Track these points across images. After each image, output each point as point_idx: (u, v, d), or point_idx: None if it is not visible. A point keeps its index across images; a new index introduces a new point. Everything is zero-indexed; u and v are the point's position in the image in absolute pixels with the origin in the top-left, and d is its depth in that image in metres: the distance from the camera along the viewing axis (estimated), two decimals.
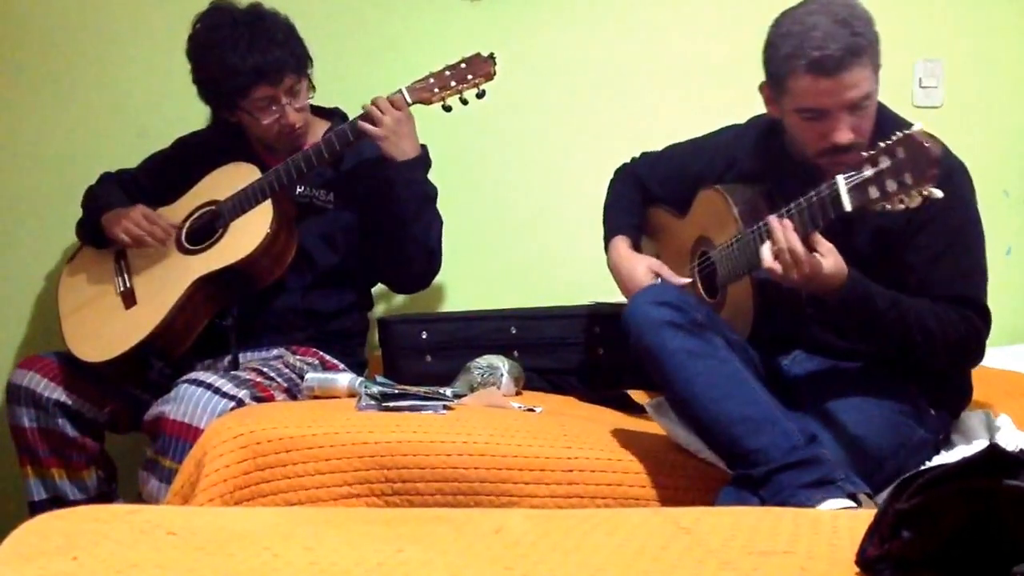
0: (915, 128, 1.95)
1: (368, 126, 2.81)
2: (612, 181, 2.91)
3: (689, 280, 2.63)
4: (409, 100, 2.83)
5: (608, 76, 3.45)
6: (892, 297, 2.22)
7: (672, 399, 2.25)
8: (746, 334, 2.40)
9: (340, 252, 3.00)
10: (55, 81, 3.38)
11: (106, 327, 2.88)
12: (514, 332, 3.02)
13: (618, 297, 3.04)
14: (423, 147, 2.90)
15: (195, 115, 3.19)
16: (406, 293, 3.29)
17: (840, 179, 2.04)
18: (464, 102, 2.84)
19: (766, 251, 2.16)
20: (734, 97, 2.77)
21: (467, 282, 3.42)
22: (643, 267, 2.67)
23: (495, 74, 2.83)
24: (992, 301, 2.35)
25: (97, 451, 2.93)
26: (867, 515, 1.34)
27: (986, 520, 1.23)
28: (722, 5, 3.45)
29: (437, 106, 2.84)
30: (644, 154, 2.89)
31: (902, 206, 1.97)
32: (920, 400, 2.34)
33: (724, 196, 2.48)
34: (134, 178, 3.10)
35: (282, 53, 2.83)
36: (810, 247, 2.12)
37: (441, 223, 2.98)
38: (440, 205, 2.97)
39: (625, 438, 2.37)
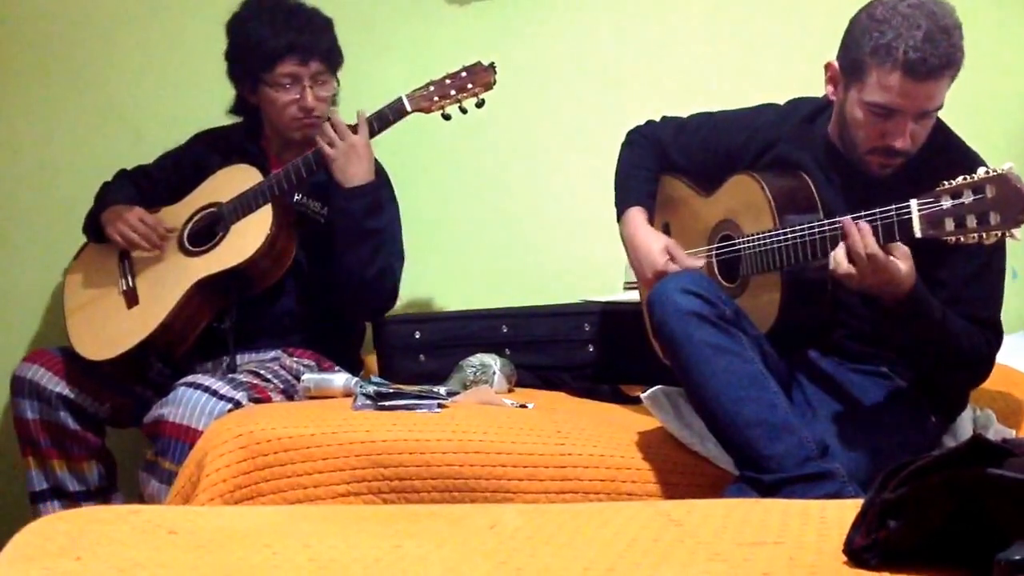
0: (1007, 168, 1.89)
1: (322, 142, 2.82)
2: (628, 143, 2.80)
3: (702, 263, 2.56)
4: (409, 108, 2.82)
5: (597, 77, 3.46)
6: (942, 309, 2.19)
7: (689, 390, 2.22)
8: (765, 329, 2.36)
9: (327, 266, 2.94)
10: (55, 84, 3.40)
11: (108, 326, 2.90)
12: (505, 331, 3.04)
13: (607, 295, 3.06)
14: (375, 184, 2.87)
15: (191, 118, 3.19)
16: (347, 319, 3.11)
17: (914, 204, 1.98)
18: (463, 111, 2.84)
19: (840, 253, 2.09)
20: (728, 94, 2.78)
21: (459, 282, 3.43)
22: (659, 247, 2.54)
23: (495, 83, 2.83)
24: None
25: (98, 445, 2.95)
26: (855, 505, 1.36)
27: (971, 509, 1.24)
28: (713, 3, 3.48)
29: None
30: (665, 118, 2.78)
31: (975, 241, 1.92)
32: (922, 407, 2.35)
33: (761, 185, 2.39)
34: (147, 173, 3.11)
35: (315, 37, 2.87)
36: (887, 251, 2.06)
37: (389, 262, 2.92)
38: (431, 205, 2.96)
39: (618, 433, 2.38)
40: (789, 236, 2.27)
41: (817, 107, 2.47)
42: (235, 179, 2.94)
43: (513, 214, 3.48)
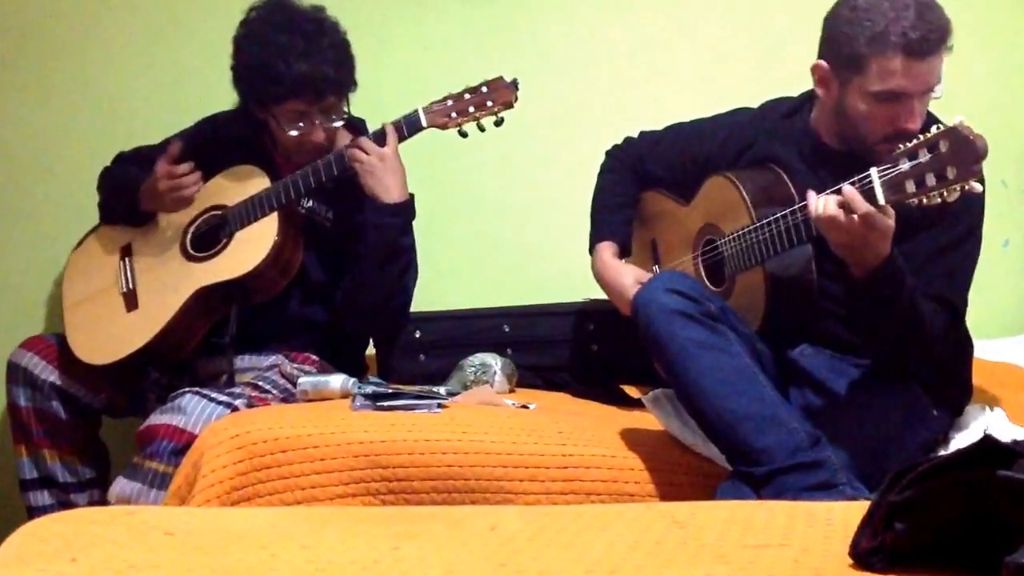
0: (958, 121, 1.89)
1: (358, 153, 2.71)
2: (604, 166, 2.82)
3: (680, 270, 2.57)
4: (424, 124, 2.70)
5: (597, 72, 3.45)
6: (913, 283, 2.16)
7: (678, 390, 2.21)
8: (755, 326, 2.36)
9: (332, 271, 2.90)
10: (45, 79, 3.38)
11: (106, 329, 2.87)
12: (507, 330, 3.02)
13: None
14: (412, 199, 2.77)
15: (182, 112, 3.15)
16: (356, 335, 3.04)
17: (874, 172, 1.98)
18: (481, 129, 2.71)
19: (831, 200, 2.04)
20: (724, 91, 2.77)
21: (460, 280, 3.42)
22: (631, 281, 2.59)
23: (516, 101, 2.70)
24: (990, 293, 2.34)
25: (90, 437, 2.94)
26: (861, 508, 1.35)
27: (979, 511, 1.24)
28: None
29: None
30: (643, 133, 2.79)
31: (938, 201, 1.91)
32: (923, 399, 2.33)
33: (736, 184, 2.40)
34: (149, 157, 2.99)
35: (330, 72, 2.71)
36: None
37: (409, 284, 2.86)
38: (431, 203, 2.93)
39: (620, 434, 2.37)
40: (766, 227, 2.28)
41: (794, 104, 2.47)
42: (242, 181, 2.85)
43: (515, 211, 3.46)
